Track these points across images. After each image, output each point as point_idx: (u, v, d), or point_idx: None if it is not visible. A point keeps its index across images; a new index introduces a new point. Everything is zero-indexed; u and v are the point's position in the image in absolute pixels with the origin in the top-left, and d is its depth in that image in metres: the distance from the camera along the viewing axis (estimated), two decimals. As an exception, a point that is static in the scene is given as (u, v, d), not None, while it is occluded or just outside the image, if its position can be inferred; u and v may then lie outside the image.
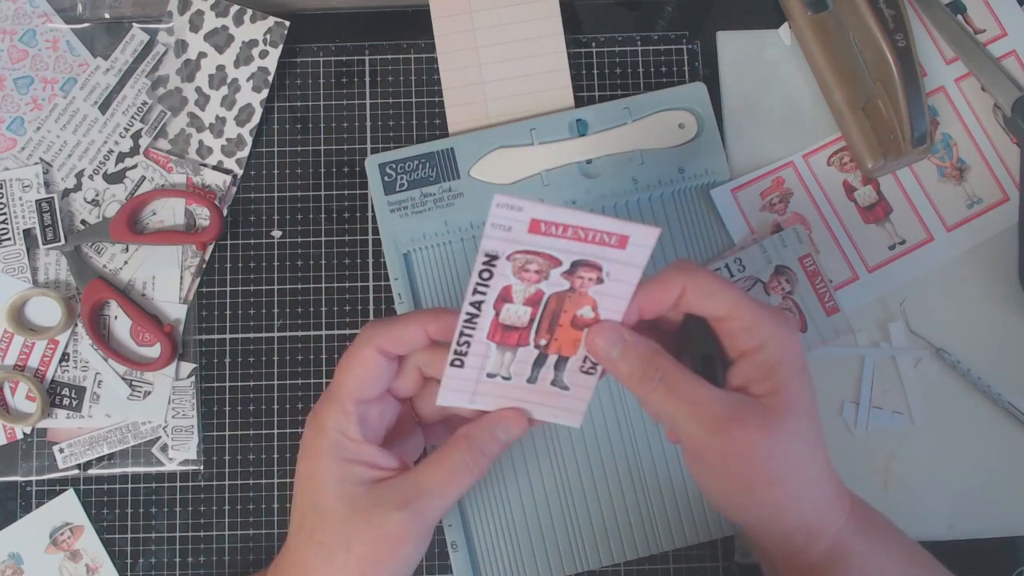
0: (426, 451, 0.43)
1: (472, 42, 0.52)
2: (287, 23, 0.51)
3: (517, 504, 0.49)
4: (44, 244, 0.50)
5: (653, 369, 0.36)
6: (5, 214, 0.50)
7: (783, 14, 0.53)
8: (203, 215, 0.51)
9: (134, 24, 0.52)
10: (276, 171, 0.52)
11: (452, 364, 0.38)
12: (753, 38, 0.53)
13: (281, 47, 0.51)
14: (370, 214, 0.52)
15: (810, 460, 0.37)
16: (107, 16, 0.52)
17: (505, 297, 0.36)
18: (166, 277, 0.51)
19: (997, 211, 0.51)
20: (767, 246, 0.49)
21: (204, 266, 0.51)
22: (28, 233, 0.50)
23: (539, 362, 0.38)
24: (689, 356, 0.38)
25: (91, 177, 0.51)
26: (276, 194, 0.52)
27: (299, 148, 0.52)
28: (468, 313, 0.36)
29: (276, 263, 0.51)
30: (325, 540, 0.37)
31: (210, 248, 0.51)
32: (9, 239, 0.50)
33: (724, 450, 0.36)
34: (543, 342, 0.37)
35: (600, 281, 0.36)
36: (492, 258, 0.35)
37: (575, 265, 0.35)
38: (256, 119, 0.51)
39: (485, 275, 0.35)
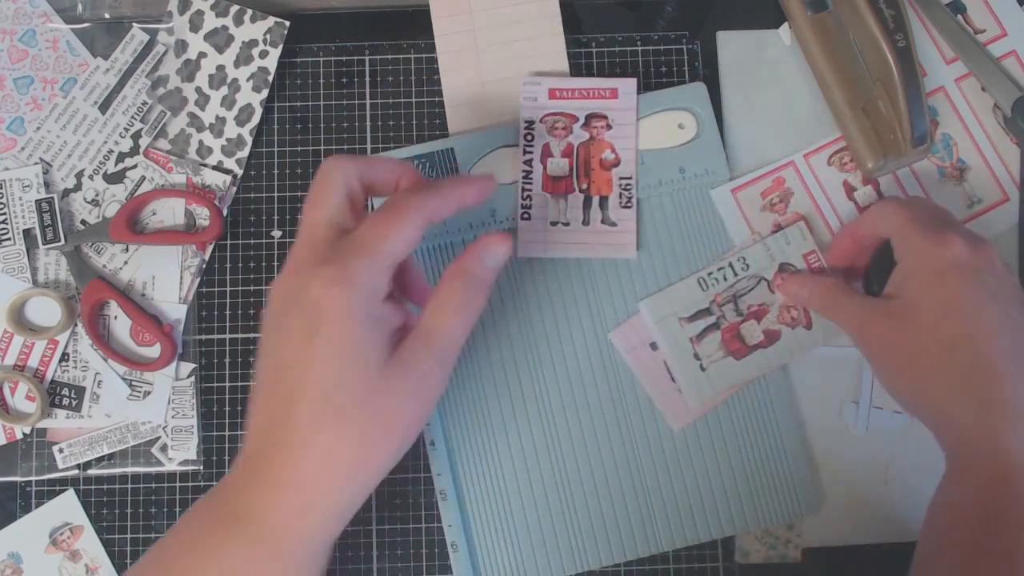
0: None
1: (472, 42, 0.52)
2: (287, 23, 0.51)
3: (517, 504, 0.49)
4: (44, 244, 0.50)
5: (828, 299, 0.47)
6: (5, 214, 0.50)
7: (783, 14, 0.53)
8: (203, 215, 0.51)
9: (134, 24, 0.52)
10: (276, 171, 0.52)
11: (522, 218, 0.49)
12: (753, 38, 0.53)
13: (281, 47, 0.51)
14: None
15: (940, 357, 0.41)
16: (107, 16, 0.52)
17: (547, 152, 0.50)
18: (166, 277, 0.51)
19: (997, 211, 0.51)
20: (770, 244, 0.49)
21: (204, 266, 0.51)
22: (28, 233, 0.50)
23: (587, 204, 0.49)
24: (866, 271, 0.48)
25: (91, 177, 0.51)
26: (276, 194, 0.52)
27: (299, 148, 0.52)
28: (524, 170, 0.49)
29: (276, 263, 0.51)
30: (355, 420, 0.34)
31: (210, 248, 0.51)
32: (9, 239, 0.50)
33: (864, 344, 0.44)
34: (584, 186, 0.49)
35: (609, 127, 0.50)
36: (530, 123, 0.50)
37: (588, 118, 0.50)
38: (256, 119, 0.51)
39: (528, 137, 0.50)
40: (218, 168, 0.51)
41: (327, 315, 0.34)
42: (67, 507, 0.49)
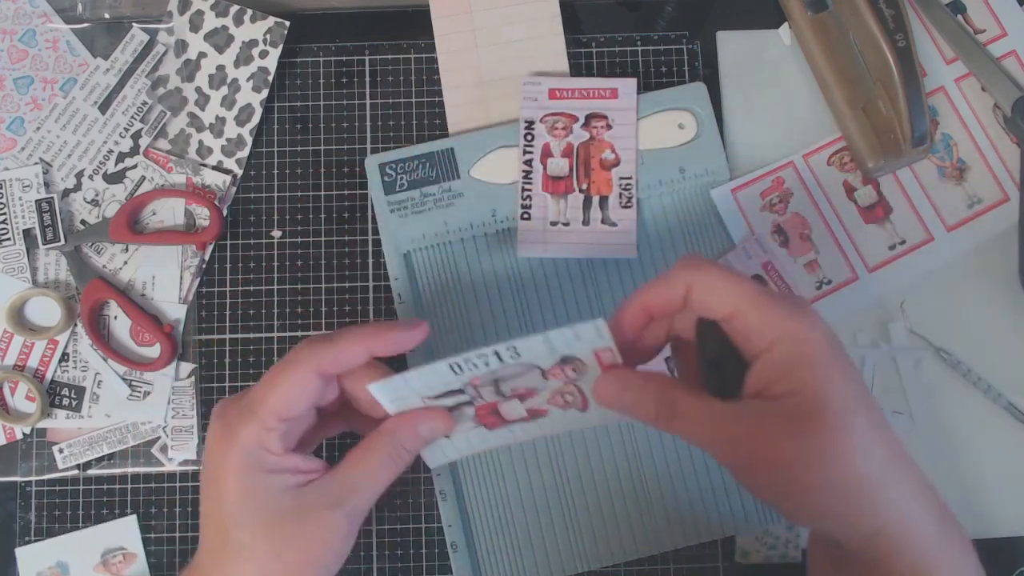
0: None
1: (472, 42, 0.52)
2: (287, 23, 0.51)
3: (517, 504, 0.49)
4: (44, 244, 0.50)
5: (665, 404, 0.36)
6: (5, 214, 0.50)
7: (783, 14, 0.53)
8: (203, 215, 0.51)
9: (134, 24, 0.52)
10: (276, 171, 0.52)
11: (522, 218, 0.49)
12: (753, 38, 0.53)
13: (281, 47, 0.51)
14: (370, 214, 0.51)
15: (864, 460, 0.33)
16: (107, 16, 0.52)
17: (547, 152, 0.50)
18: (166, 277, 0.51)
19: (997, 211, 0.51)
20: (553, 338, 0.36)
21: (204, 266, 0.51)
22: (28, 233, 0.50)
23: (587, 204, 0.49)
24: (703, 365, 0.36)
25: (91, 177, 0.51)
26: (276, 194, 0.52)
27: (299, 148, 0.52)
28: (524, 170, 0.50)
29: (276, 263, 0.51)
30: (255, 556, 0.37)
31: (210, 248, 0.51)
32: (9, 239, 0.50)
33: (757, 468, 0.34)
34: (584, 186, 0.49)
35: (609, 127, 0.50)
36: (530, 123, 0.50)
37: (588, 118, 0.50)
38: (256, 119, 0.51)
39: (528, 137, 0.50)
40: (218, 168, 0.51)
41: (217, 467, 0.38)
42: (127, 532, 0.49)
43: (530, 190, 0.50)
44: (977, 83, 0.52)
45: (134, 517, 0.49)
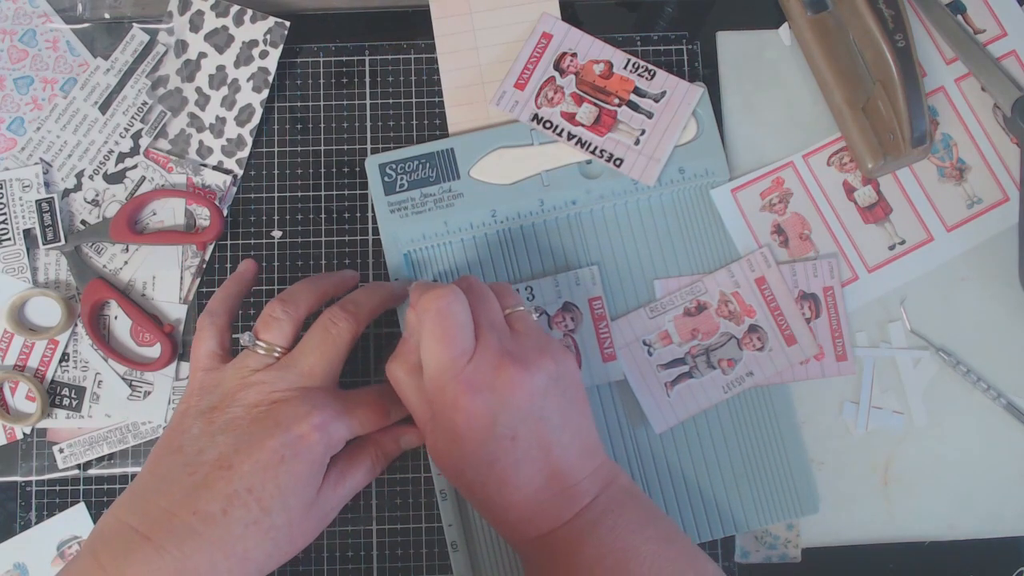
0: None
1: (472, 42, 0.52)
2: (287, 23, 0.51)
3: (517, 504, 0.49)
4: (44, 244, 0.50)
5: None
6: (5, 214, 0.50)
7: (783, 14, 0.53)
8: (203, 215, 0.51)
9: (134, 24, 0.52)
10: (276, 171, 0.52)
11: (616, 165, 0.49)
12: (753, 38, 0.53)
13: (281, 47, 0.51)
14: (370, 214, 0.52)
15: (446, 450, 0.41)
16: (107, 16, 0.52)
17: (570, 118, 0.50)
18: (166, 277, 0.51)
19: (997, 211, 0.51)
20: (560, 280, 0.49)
21: (204, 266, 0.51)
22: (28, 233, 0.50)
23: (632, 107, 0.49)
24: None
25: (91, 177, 0.51)
26: (276, 194, 0.52)
27: (299, 148, 0.52)
28: (582, 145, 0.49)
29: (276, 263, 0.51)
30: (280, 535, 0.40)
31: (210, 248, 0.51)
32: (9, 239, 0.50)
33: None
34: (615, 101, 0.50)
35: (575, 55, 0.51)
36: (534, 118, 0.50)
37: (556, 65, 0.51)
38: (256, 119, 0.51)
39: (548, 126, 0.50)
40: (218, 168, 0.51)
41: (304, 453, 0.40)
42: (77, 520, 0.49)
43: (599, 145, 0.50)
44: (977, 83, 0.52)
45: (83, 505, 0.49)
